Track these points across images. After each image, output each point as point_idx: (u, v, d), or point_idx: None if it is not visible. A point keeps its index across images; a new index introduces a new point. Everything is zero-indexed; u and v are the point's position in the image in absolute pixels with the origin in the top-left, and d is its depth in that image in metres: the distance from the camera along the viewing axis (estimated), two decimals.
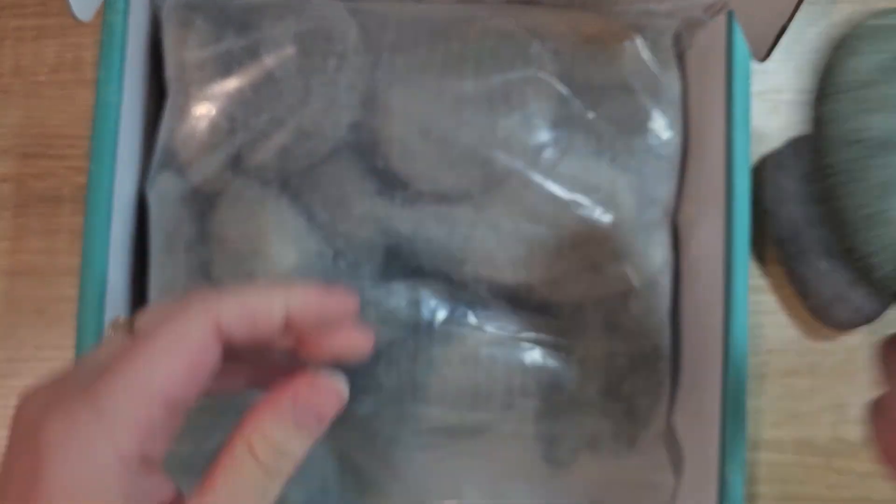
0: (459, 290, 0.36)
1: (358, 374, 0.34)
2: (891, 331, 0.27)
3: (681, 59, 0.41)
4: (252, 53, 0.36)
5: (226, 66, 0.36)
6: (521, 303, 0.36)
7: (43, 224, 0.46)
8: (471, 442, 0.36)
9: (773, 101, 0.49)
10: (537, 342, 0.35)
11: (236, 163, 0.36)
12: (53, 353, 0.45)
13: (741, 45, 0.36)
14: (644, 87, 0.38)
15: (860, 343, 0.48)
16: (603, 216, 0.36)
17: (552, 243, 0.35)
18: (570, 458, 0.37)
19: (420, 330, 0.35)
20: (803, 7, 0.30)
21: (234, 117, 0.35)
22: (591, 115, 0.37)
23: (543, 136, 0.36)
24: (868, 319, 0.45)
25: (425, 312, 0.35)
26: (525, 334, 0.35)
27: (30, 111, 0.46)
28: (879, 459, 0.26)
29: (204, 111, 0.36)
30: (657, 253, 0.38)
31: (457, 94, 0.36)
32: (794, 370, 0.47)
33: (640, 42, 0.38)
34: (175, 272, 0.36)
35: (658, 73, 0.38)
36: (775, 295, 0.48)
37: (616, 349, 0.37)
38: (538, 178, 0.36)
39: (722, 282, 0.36)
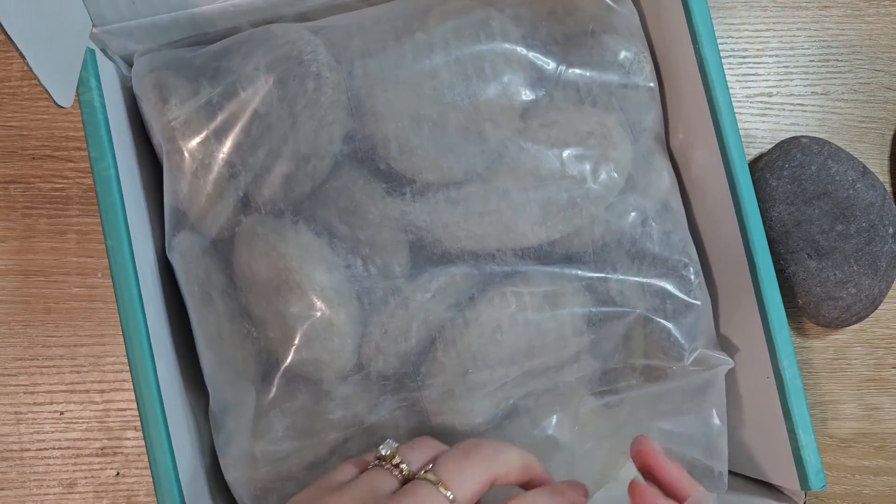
0: (488, 262, 0.36)
1: (422, 363, 0.35)
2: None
3: None
4: (231, 96, 0.36)
5: (210, 116, 0.36)
6: (548, 259, 0.37)
7: (51, 224, 0.46)
8: (534, 382, 0.37)
9: (763, 105, 0.49)
10: (573, 290, 0.36)
11: (245, 203, 0.36)
12: (61, 352, 0.45)
13: None
14: (604, 26, 0.38)
15: (849, 341, 0.49)
16: (604, 158, 0.36)
17: (564, 198, 0.36)
18: (624, 389, 0.38)
19: (463, 308, 0.35)
20: (793, 13, 0.29)
21: (232, 162, 0.36)
22: (562, 67, 0.38)
23: (525, 99, 0.37)
24: (857, 318, 0.46)
25: (463, 291, 0.36)
26: (560, 285, 0.36)
27: (37, 114, 0.47)
28: None
29: (202, 164, 0.36)
30: (662, 177, 0.39)
31: (434, 82, 0.36)
32: None
33: None
34: (218, 321, 0.36)
35: (614, 7, 0.39)
36: None
37: (648, 275, 0.37)
38: (532, 140, 0.36)
39: (729, 195, 0.37)
